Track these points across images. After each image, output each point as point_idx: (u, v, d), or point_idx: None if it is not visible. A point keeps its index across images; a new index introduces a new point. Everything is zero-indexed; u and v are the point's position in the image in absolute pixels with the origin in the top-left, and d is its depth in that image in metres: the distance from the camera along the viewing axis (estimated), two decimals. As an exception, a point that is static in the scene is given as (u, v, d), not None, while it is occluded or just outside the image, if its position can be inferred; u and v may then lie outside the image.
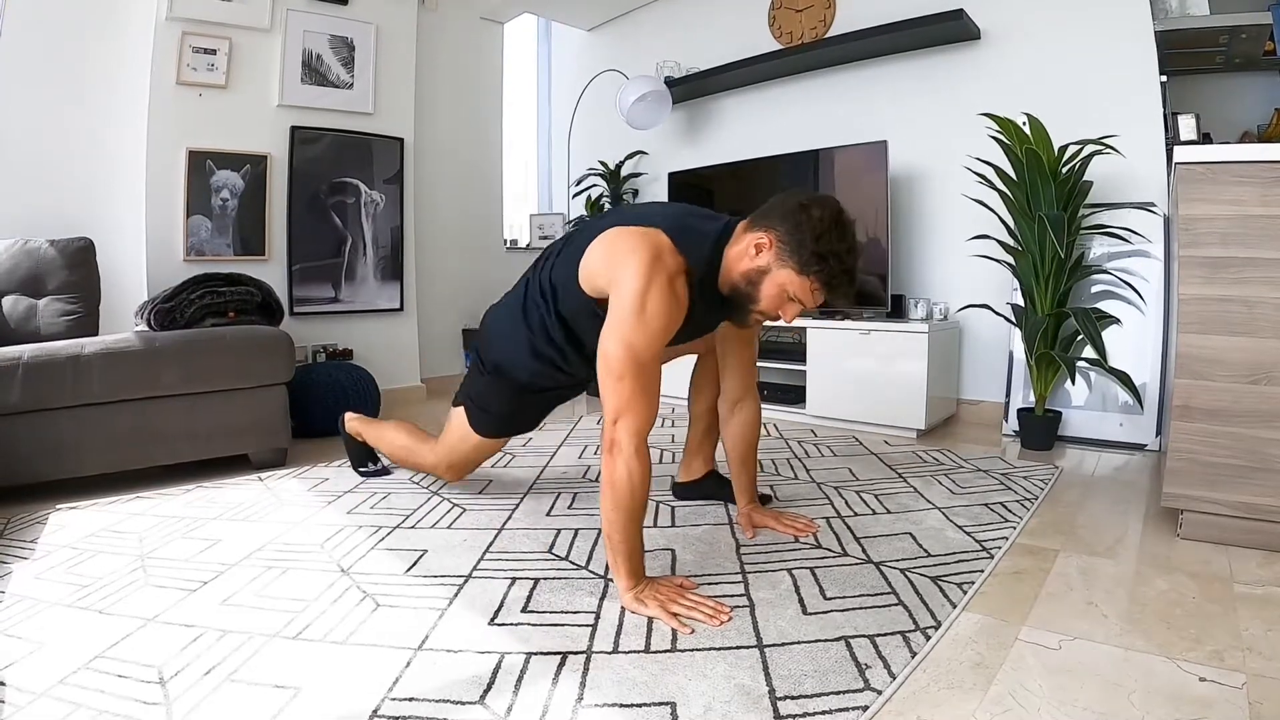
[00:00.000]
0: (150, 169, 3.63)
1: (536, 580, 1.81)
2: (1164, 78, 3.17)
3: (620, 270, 1.69)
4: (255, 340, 2.90)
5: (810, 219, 1.69)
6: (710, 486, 2.45)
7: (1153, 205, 3.06)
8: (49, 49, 3.45)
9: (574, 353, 2.04)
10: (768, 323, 1.93)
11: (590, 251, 1.81)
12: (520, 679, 1.35)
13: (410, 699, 1.28)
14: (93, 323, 3.11)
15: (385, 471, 2.82)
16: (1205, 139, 3.15)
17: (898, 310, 3.74)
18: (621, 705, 1.27)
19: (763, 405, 2.43)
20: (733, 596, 1.71)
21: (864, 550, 2.00)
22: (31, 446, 2.46)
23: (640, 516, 1.67)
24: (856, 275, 1.76)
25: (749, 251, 1.75)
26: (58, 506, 2.42)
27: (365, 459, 2.84)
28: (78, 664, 1.40)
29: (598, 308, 1.81)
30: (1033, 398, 3.27)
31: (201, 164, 3.75)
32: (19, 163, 3.39)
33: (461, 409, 2.32)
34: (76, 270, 3.10)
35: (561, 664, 1.41)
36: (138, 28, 3.60)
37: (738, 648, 1.47)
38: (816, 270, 1.69)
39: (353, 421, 2.79)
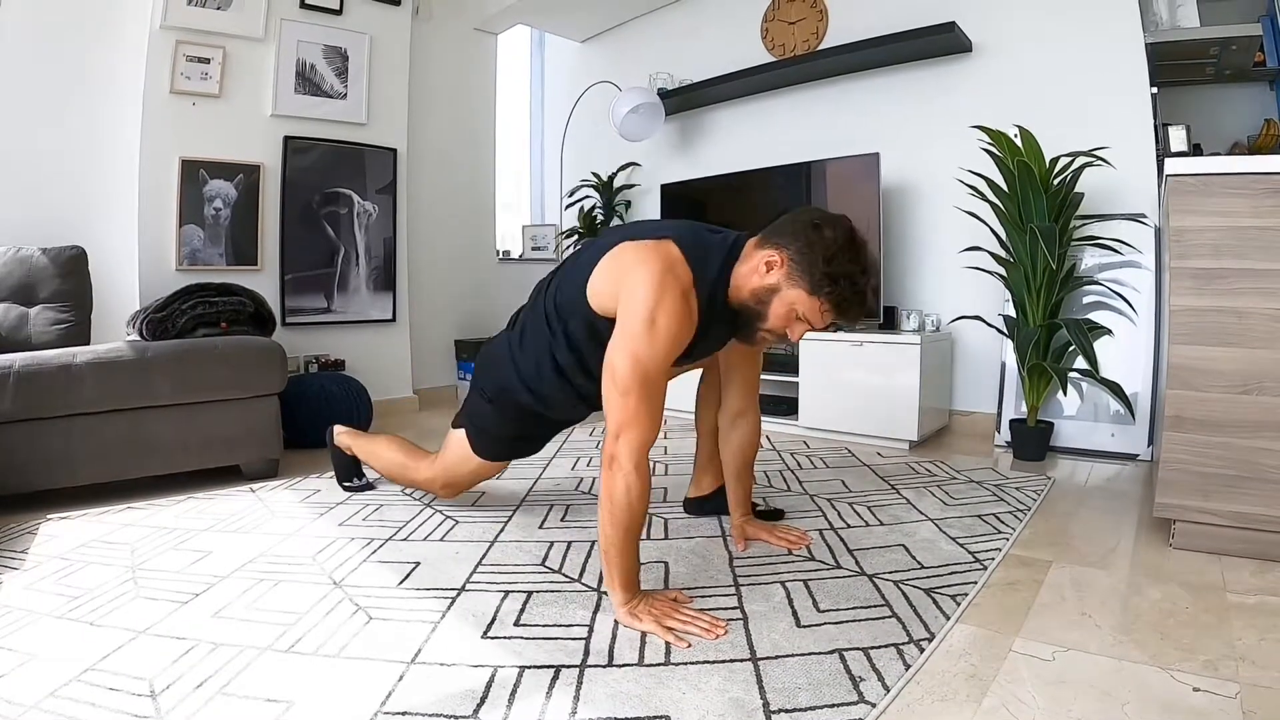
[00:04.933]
0: (143, 178, 3.62)
1: (530, 593, 1.80)
2: (1154, 89, 3.19)
3: (630, 282, 1.65)
4: (247, 350, 2.88)
5: (823, 239, 1.66)
6: (721, 501, 2.34)
7: (1144, 217, 3.08)
8: (42, 57, 3.45)
9: (582, 376, 1.94)
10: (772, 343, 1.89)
11: (599, 267, 1.76)
12: (514, 692, 1.34)
13: (403, 713, 1.27)
14: (84, 332, 3.10)
15: (369, 486, 2.76)
16: (1196, 150, 3.17)
17: (890, 322, 3.75)
18: (616, 719, 1.26)
19: (757, 417, 2.40)
20: (726, 609, 1.71)
21: (857, 562, 2.00)
22: (22, 456, 2.45)
23: (638, 532, 1.67)
24: (868, 297, 1.74)
25: (759, 269, 1.72)
26: (48, 516, 2.41)
27: (351, 474, 2.77)
28: (69, 676, 1.39)
29: (605, 327, 1.76)
30: (1025, 408, 3.28)
31: (194, 173, 3.74)
32: (11, 170, 3.38)
33: (462, 431, 2.28)
34: (68, 279, 3.09)
35: (555, 677, 1.40)
36: (131, 36, 3.60)
37: (731, 661, 1.46)
38: (827, 291, 1.66)
39: (342, 435, 2.75)
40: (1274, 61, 2.96)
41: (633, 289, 1.64)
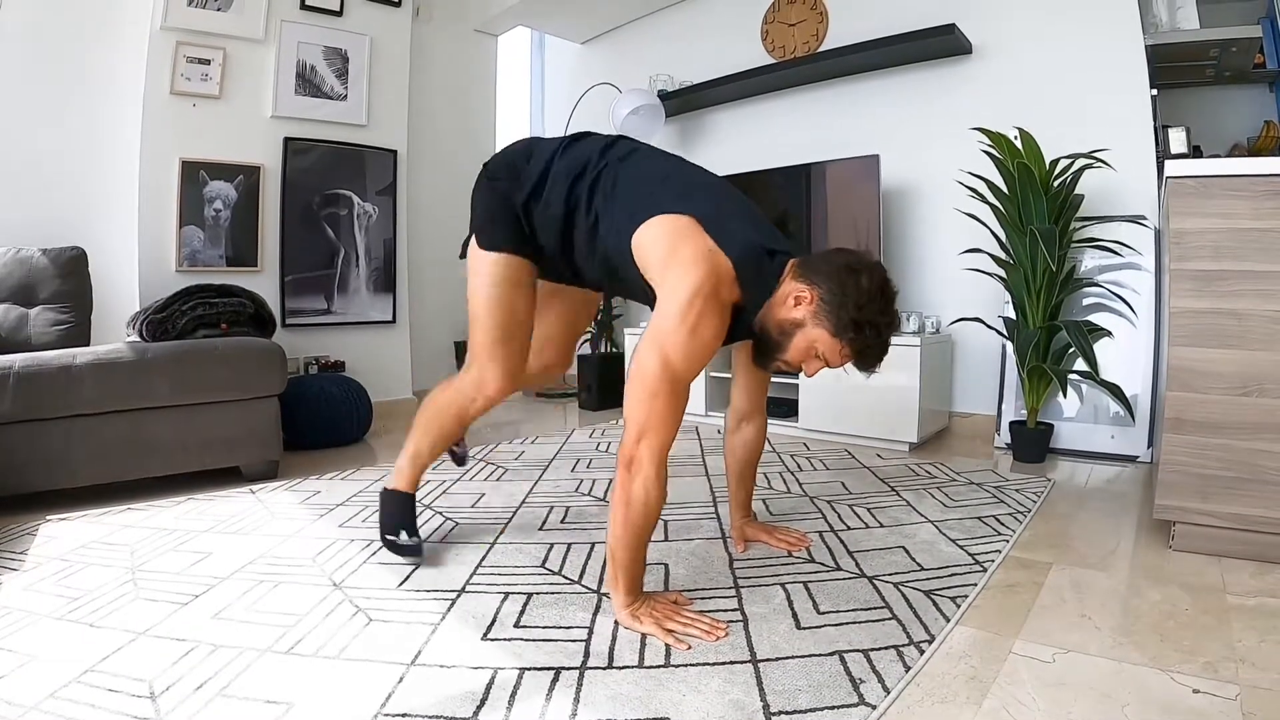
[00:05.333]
0: (143, 179, 3.63)
1: (530, 595, 1.80)
2: (1154, 91, 3.19)
3: (676, 282, 1.61)
4: (247, 352, 2.89)
5: (857, 285, 1.64)
6: (454, 454, 2.48)
7: (1144, 218, 3.08)
8: (42, 57, 3.46)
9: (583, 250, 1.85)
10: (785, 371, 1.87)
11: (657, 229, 1.68)
12: (514, 694, 1.34)
13: (403, 715, 1.27)
14: (84, 333, 3.10)
15: (417, 551, 2.03)
16: (1196, 152, 3.17)
17: (890, 323, 3.74)
18: (616, 720, 1.27)
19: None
20: (726, 611, 1.71)
21: (857, 564, 2.00)
22: (22, 456, 2.45)
23: (649, 535, 1.66)
24: (889, 348, 1.73)
25: (788, 301, 1.69)
26: (48, 517, 2.41)
27: (399, 525, 2.07)
28: (68, 678, 1.39)
29: (629, 262, 1.73)
30: (1024, 410, 3.28)
31: (195, 174, 3.75)
32: (12, 171, 3.39)
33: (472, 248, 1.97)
34: (68, 280, 3.09)
35: (555, 679, 1.40)
36: (132, 37, 3.61)
37: (731, 663, 1.46)
38: (851, 338, 1.65)
39: (393, 478, 2.17)
40: (1274, 63, 2.96)
41: (677, 291, 1.60)
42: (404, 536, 2.05)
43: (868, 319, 1.64)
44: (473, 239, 1.99)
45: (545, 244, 1.92)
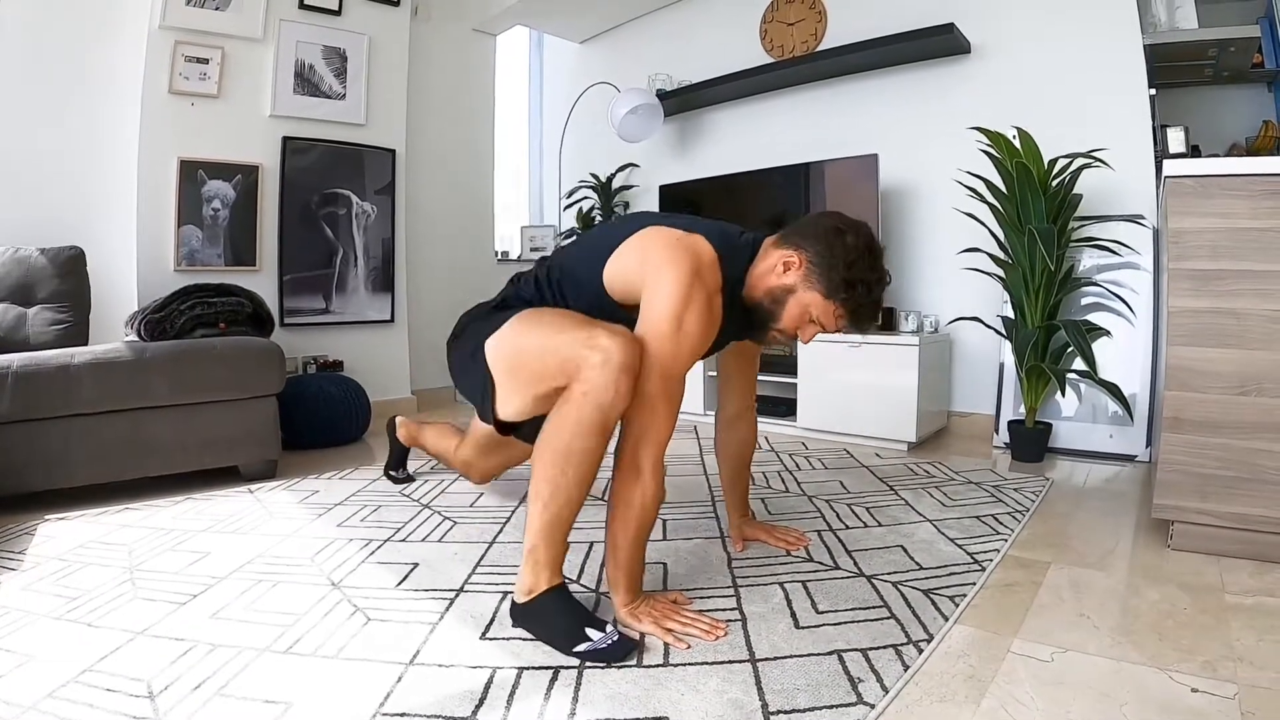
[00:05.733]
0: (142, 178, 3.62)
1: (529, 593, 1.80)
2: (1153, 91, 3.19)
3: (657, 278, 1.59)
4: (246, 351, 2.88)
5: (844, 244, 1.64)
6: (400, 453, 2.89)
7: (1142, 218, 3.08)
8: (42, 57, 3.45)
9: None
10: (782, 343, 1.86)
11: (625, 248, 1.68)
12: (512, 694, 1.34)
13: (402, 714, 1.27)
14: (82, 332, 3.10)
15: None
16: (1194, 152, 3.17)
17: (888, 323, 3.74)
18: None
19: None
20: (725, 610, 1.71)
21: (856, 563, 2.00)
22: (20, 456, 2.44)
23: (648, 534, 1.66)
24: (881, 305, 1.73)
25: (776, 269, 1.69)
26: (46, 517, 2.40)
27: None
28: (66, 677, 1.39)
29: (611, 306, 1.69)
30: (1023, 410, 3.28)
31: (193, 174, 3.74)
32: (10, 170, 3.38)
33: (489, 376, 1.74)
34: (67, 279, 3.09)
35: (554, 679, 1.40)
36: (130, 37, 3.60)
37: (730, 662, 1.46)
38: (844, 297, 1.65)
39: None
40: (1272, 63, 2.96)
41: (659, 288, 1.58)
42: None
43: (859, 277, 1.64)
44: (484, 342, 1.74)
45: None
